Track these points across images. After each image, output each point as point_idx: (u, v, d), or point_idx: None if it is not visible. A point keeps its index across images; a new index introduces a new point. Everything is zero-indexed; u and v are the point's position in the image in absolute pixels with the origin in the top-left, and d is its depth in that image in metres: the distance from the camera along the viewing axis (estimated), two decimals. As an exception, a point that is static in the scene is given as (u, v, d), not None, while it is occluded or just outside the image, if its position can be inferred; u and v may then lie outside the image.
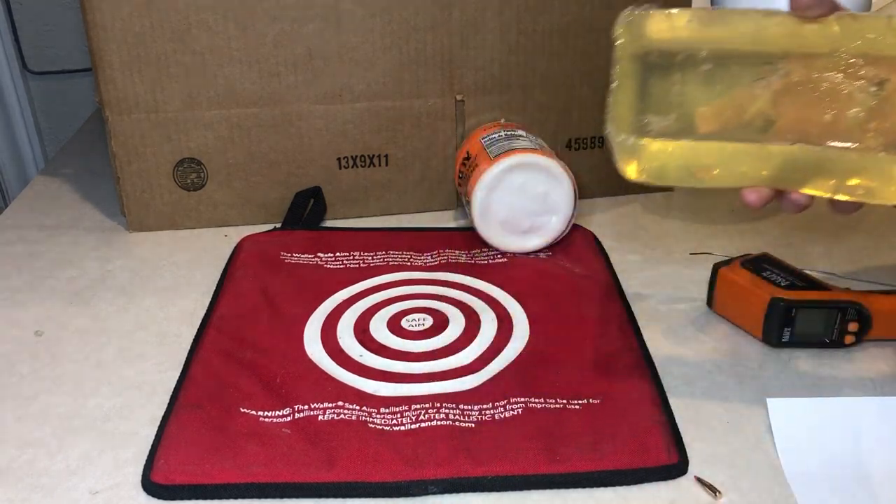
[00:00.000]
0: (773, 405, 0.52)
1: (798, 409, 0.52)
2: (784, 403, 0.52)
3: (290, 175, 0.78)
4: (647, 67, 0.50)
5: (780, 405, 0.52)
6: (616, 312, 0.63)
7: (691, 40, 0.50)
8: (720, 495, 0.47)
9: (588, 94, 0.79)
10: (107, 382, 0.58)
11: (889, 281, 0.68)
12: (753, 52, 0.49)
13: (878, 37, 0.47)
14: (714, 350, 0.60)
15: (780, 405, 0.52)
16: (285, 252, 0.72)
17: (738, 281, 0.61)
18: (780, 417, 0.52)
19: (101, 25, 0.71)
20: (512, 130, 0.73)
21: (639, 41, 0.50)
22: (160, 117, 0.75)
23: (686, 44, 0.50)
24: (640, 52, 0.50)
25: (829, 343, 0.59)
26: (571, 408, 0.53)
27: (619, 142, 0.49)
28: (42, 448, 0.52)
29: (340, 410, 0.53)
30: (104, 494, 0.49)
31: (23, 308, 0.68)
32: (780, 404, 0.52)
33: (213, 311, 0.64)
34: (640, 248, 0.74)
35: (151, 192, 0.78)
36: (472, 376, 0.57)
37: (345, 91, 0.76)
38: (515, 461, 0.49)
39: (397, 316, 0.64)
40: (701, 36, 0.50)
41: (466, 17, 0.74)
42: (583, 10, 0.75)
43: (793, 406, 0.52)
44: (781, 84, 0.49)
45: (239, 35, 0.72)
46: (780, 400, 0.53)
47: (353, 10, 0.73)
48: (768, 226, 0.77)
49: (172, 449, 0.50)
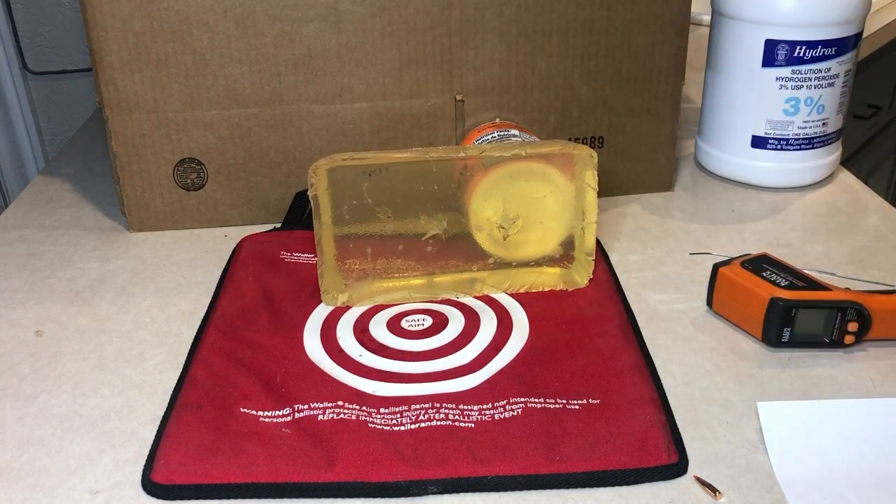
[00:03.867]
0: (764, 409, 0.52)
1: (789, 413, 0.51)
2: (775, 407, 0.52)
3: (290, 175, 0.78)
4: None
5: (771, 409, 0.52)
6: (616, 312, 0.63)
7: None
8: (720, 495, 0.47)
9: (588, 94, 0.79)
10: (107, 382, 0.58)
11: (889, 281, 0.68)
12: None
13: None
14: (714, 350, 0.60)
15: (770, 409, 0.52)
16: (285, 252, 0.72)
17: (737, 281, 0.61)
18: (771, 421, 0.51)
19: (102, 25, 0.71)
20: (505, 130, 0.73)
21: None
22: (160, 117, 0.75)
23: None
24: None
25: (829, 343, 0.59)
26: (571, 408, 0.53)
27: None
28: (42, 448, 0.52)
29: (340, 410, 0.53)
30: (104, 494, 0.49)
31: (23, 308, 0.68)
32: (770, 408, 0.52)
33: (213, 310, 0.64)
34: (640, 248, 0.74)
35: (152, 192, 0.78)
36: (472, 376, 0.57)
37: (345, 91, 0.76)
38: (515, 461, 0.49)
39: (397, 316, 0.64)
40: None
41: (466, 17, 0.74)
42: (583, 11, 0.75)
43: (784, 409, 0.52)
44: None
45: (239, 35, 0.73)
46: (770, 404, 0.52)
47: (353, 10, 0.73)
48: (768, 226, 0.77)
49: (172, 449, 0.50)
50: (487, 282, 0.66)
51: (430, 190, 0.63)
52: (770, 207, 0.80)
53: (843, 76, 0.79)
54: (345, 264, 0.64)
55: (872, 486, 0.48)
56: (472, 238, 0.65)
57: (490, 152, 0.62)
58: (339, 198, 0.62)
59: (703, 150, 0.87)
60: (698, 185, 0.85)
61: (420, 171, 0.62)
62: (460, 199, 0.64)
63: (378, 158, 0.62)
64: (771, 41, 0.77)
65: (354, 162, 0.61)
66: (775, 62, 0.78)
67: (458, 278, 0.66)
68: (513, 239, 0.65)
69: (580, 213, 0.65)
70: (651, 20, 0.76)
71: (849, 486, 0.48)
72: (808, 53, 0.77)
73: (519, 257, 0.66)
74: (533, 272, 0.66)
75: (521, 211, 0.65)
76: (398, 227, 0.64)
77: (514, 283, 0.66)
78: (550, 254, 0.66)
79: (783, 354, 0.59)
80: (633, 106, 0.80)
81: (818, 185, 0.84)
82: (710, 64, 0.85)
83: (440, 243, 0.65)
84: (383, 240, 0.64)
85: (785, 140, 0.81)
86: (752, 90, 0.80)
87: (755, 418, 0.53)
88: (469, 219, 0.64)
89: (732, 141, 0.83)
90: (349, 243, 0.64)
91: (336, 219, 0.63)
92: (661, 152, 0.82)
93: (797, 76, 0.78)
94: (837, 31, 0.77)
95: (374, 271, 0.65)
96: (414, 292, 0.65)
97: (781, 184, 0.83)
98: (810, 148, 0.81)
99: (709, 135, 0.86)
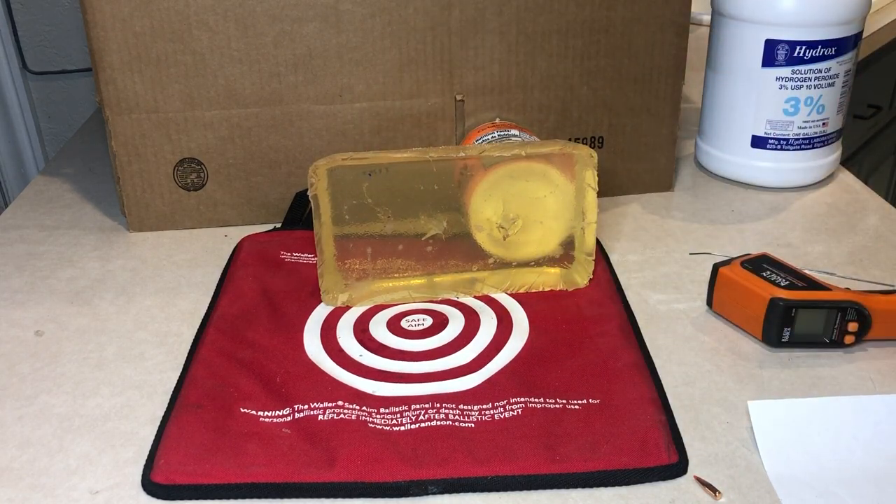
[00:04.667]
0: (755, 407, 0.52)
1: (780, 411, 0.51)
2: (766, 406, 0.52)
3: (290, 175, 0.78)
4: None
5: (762, 407, 0.52)
6: (616, 312, 0.63)
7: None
8: (720, 495, 0.47)
9: (588, 94, 0.79)
10: (107, 382, 0.58)
11: (889, 281, 0.68)
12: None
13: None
14: (714, 350, 0.60)
15: (761, 407, 0.52)
16: (285, 252, 0.72)
17: (737, 281, 0.61)
18: (762, 420, 0.51)
19: (102, 25, 0.71)
20: (505, 130, 0.73)
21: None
22: (160, 117, 0.75)
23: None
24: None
25: (829, 343, 0.59)
26: (571, 408, 0.53)
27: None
28: (42, 448, 0.52)
29: (340, 410, 0.53)
30: (104, 494, 0.49)
31: (23, 308, 0.68)
32: (761, 406, 0.52)
33: (213, 310, 0.64)
34: (640, 248, 0.74)
35: (152, 192, 0.78)
36: (472, 376, 0.57)
37: (345, 91, 0.76)
38: (515, 461, 0.49)
39: (397, 316, 0.64)
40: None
41: (466, 17, 0.74)
42: (583, 11, 0.75)
43: (774, 408, 0.52)
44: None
45: (239, 35, 0.73)
46: (761, 402, 0.52)
47: (353, 10, 0.73)
48: (768, 226, 0.77)
49: (172, 449, 0.50)
50: (487, 282, 0.66)
51: (430, 190, 0.63)
52: (770, 207, 0.80)
53: (843, 76, 0.79)
54: (345, 264, 0.64)
55: (863, 482, 0.48)
56: (472, 238, 0.65)
57: (490, 152, 0.62)
58: (339, 198, 0.62)
59: (703, 150, 0.87)
60: (698, 185, 0.85)
61: (420, 171, 0.63)
62: (460, 199, 0.64)
63: (378, 158, 0.62)
64: (771, 41, 0.77)
65: (354, 162, 0.61)
66: (775, 62, 0.78)
67: (458, 278, 0.66)
68: (513, 239, 0.65)
69: (580, 213, 0.65)
70: (651, 20, 0.76)
71: (840, 483, 0.48)
72: (808, 53, 0.77)
73: (519, 257, 0.66)
74: (533, 272, 0.66)
75: (521, 211, 0.65)
76: (398, 227, 0.64)
77: (514, 283, 0.66)
78: (550, 254, 0.66)
79: (783, 354, 0.59)
80: (633, 106, 0.80)
81: (818, 185, 0.84)
82: (710, 64, 0.85)
83: (440, 243, 0.65)
84: (383, 240, 0.64)
85: (785, 140, 0.81)
86: (752, 90, 0.80)
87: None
88: (469, 219, 0.64)
89: (732, 141, 0.83)
90: (349, 243, 0.64)
91: (336, 219, 0.63)
92: (661, 152, 0.82)
93: (797, 76, 0.78)
94: (837, 31, 0.77)
95: (374, 271, 0.65)
96: (414, 292, 0.65)
97: (781, 184, 0.83)
98: (810, 148, 0.81)
99: (709, 135, 0.86)
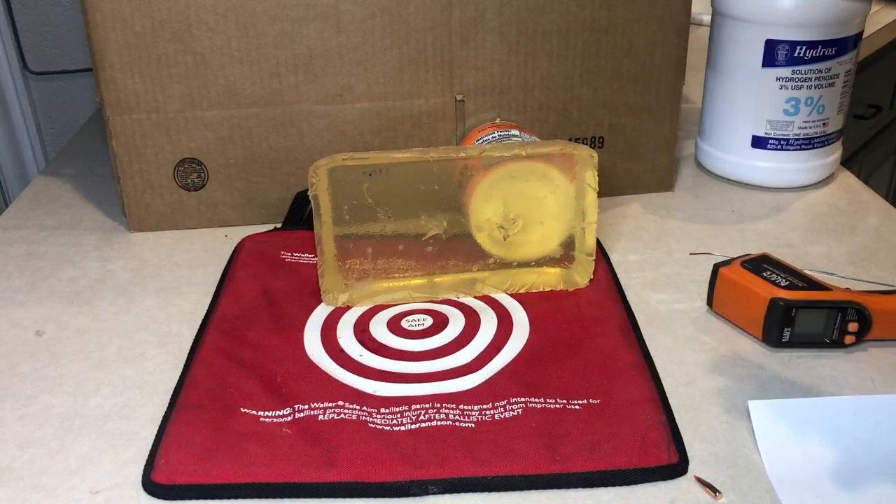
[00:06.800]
0: (755, 407, 0.52)
1: (780, 411, 0.51)
2: (766, 405, 0.52)
3: (290, 175, 0.78)
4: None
5: (762, 407, 0.52)
6: (616, 312, 0.63)
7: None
8: (720, 495, 0.47)
9: (588, 94, 0.79)
10: (107, 382, 0.58)
11: (889, 281, 0.68)
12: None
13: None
14: (714, 350, 0.60)
15: (761, 407, 0.52)
16: (285, 252, 0.72)
17: (738, 281, 0.61)
18: (762, 420, 0.51)
19: (102, 25, 0.71)
20: (505, 130, 0.73)
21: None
22: (161, 117, 0.75)
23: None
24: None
25: (829, 343, 0.59)
26: (571, 408, 0.53)
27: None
28: (42, 448, 0.52)
29: (340, 410, 0.53)
30: (105, 494, 0.49)
31: (23, 308, 0.68)
32: (761, 406, 0.52)
33: (214, 311, 0.64)
34: (640, 248, 0.74)
35: (152, 192, 0.78)
36: (472, 376, 0.57)
37: (345, 91, 0.76)
38: (515, 461, 0.49)
39: (397, 316, 0.64)
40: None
41: (466, 17, 0.74)
42: (583, 11, 0.75)
43: (774, 408, 0.52)
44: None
45: (239, 35, 0.73)
46: (761, 402, 0.52)
47: (353, 10, 0.73)
48: (768, 226, 0.77)
49: (173, 449, 0.50)
50: (488, 282, 0.66)
51: (430, 190, 0.63)
52: (770, 207, 0.80)
53: (843, 76, 0.79)
54: (345, 264, 0.64)
55: (863, 482, 0.48)
56: (473, 238, 0.65)
57: (490, 152, 0.62)
58: (340, 198, 0.63)
59: (703, 150, 0.87)
60: (698, 185, 0.85)
61: (420, 171, 0.63)
62: (461, 199, 0.64)
63: (378, 158, 0.62)
64: (771, 41, 0.77)
65: (355, 162, 0.62)
66: (775, 62, 0.78)
67: (458, 278, 0.66)
68: (513, 239, 0.65)
69: (580, 213, 0.65)
70: (651, 20, 0.76)
71: (839, 483, 0.48)
72: (808, 53, 0.77)
73: (519, 257, 0.66)
74: (533, 272, 0.66)
75: (521, 211, 0.65)
76: (398, 227, 0.64)
77: (515, 283, 0.66)
78: (551, 254, 0.66)
79: (783, 354, 0.59)
80: (634, 106, 0.80)
81: (818, 186, 0.84)
82: (710, 64, 0.85)
83: (440, 243, 0.65)
84: (384, 240, 0.64)
85: (785, 140, 0.81)
86: (752, 90, 0.80)
87: (755, 418, 0.53)
88: (469, 219, 0.64)
89: (732, 141, 0.83)
90: (349, 243, 0.64)
91: (336, 219, 0.63)
92: (661, 152, 0.82)
93: (797, 76, 0.78)
94: (837, 31, 0.77)
95: (375, 271, 0.65)
96: (414, 292, 0.65)
97: (782, 184, 0.83)
98: (810, 148, 0.81)
99: (709, 135, 0.86)
